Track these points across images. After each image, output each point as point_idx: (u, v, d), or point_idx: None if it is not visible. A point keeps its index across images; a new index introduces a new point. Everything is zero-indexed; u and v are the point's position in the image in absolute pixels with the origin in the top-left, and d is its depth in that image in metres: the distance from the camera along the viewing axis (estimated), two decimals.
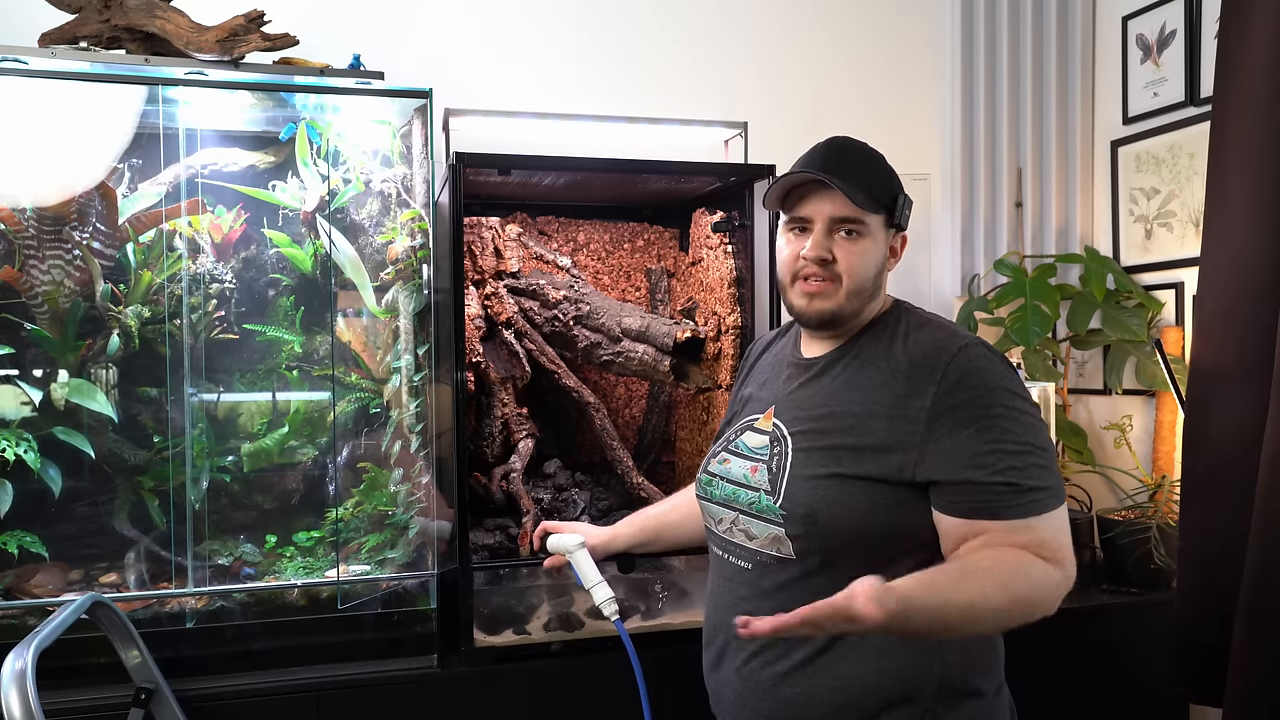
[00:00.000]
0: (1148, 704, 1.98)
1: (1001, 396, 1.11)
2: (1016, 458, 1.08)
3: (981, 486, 1.08)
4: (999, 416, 1.10)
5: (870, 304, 1.23)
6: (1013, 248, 2.47)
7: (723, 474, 1.28)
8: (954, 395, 1.11)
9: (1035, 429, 1.11)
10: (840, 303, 1.20)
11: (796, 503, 1.16)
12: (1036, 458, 1.09)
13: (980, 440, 1.09)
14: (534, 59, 2.25)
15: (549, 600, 1.85)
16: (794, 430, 1.21)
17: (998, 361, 1.15)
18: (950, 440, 1.10)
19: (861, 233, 1.19)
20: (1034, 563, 1.05)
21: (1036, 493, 1.08)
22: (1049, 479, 1.10)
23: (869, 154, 1.24)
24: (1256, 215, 1.68)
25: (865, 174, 1.20)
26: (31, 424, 1.66)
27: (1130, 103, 2.39)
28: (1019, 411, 1.11)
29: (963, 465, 1.09)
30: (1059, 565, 1.07)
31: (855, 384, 1.19)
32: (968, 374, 1.12)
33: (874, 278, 1.21)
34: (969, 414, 1.10)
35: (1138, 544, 2.02)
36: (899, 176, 1.25)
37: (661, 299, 2.23)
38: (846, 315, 1.21)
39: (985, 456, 1.08)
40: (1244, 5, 1.71)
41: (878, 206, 1.20)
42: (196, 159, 1.78)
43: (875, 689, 1.13)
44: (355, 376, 1.84)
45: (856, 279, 1.19)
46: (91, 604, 1.42)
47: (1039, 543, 1.07)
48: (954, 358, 1.13)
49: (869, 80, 2.47)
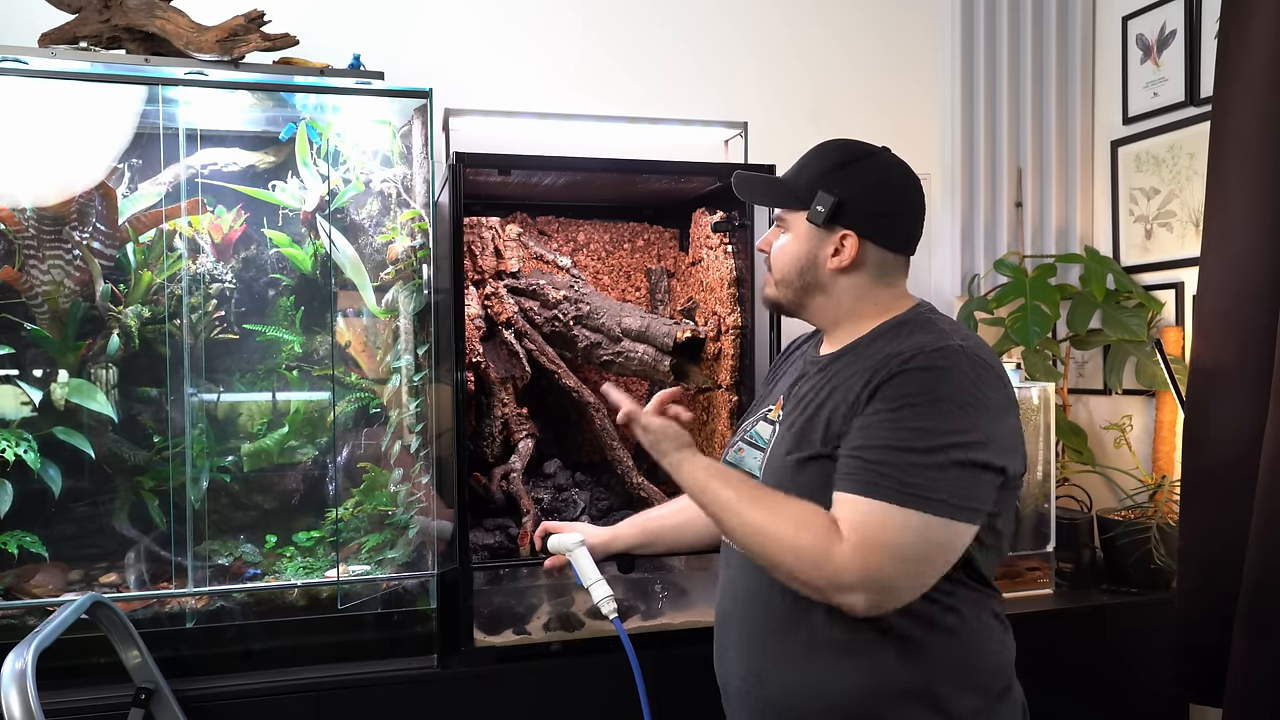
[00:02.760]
0: (1148, 704, 1.98)
1: (936, 401, 1.06)
2: (898, 444, 1.04)
3: (848, 456, 1.08)
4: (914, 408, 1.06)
5: (820, 303, 1.25)
6: (1013, 248, 2.47)
7: (736, 463, 1.30)
8: (895, 379, 1.09)
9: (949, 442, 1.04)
10: (772, 293, 1.28)
11: (772, 485, 1.18)
12: (924, 457, 1.03)
13: (879, 417, 1.07)
14: (534, 59, 2.25)
15: (549, 600, 1.85)
16: (784, 421, 1.24)
17: (964, 369, 1.08)
18: (863, 419, 1.09)
19: (782, 228, 1.27)
20: (820, 522, 1.05)
21: (890, 480, 1.03)
22: (922, 481, 1.02)
23: (821, 152, 1.26)
24: (1256, 215, 1.68)
25: (793, 172, 1.26)
26: (31, 424, 1.66)
27: (1130, 103, 2.38)
28: (945, 418, 1.05)
29: (854, 436, 1.09)
30: (851, 548, 1.02)
31: (841, 375, 1.20)
32: (921, 367, 1.08)
33: (796, 274, 1.24)
34: (891, 394, 1.08)
35: (1138, 544, 2.02)
36: (860, 177, 1.21)
37: (661, 299, 2.23)
38: (785, 305, 1.28)
39: (872, 430, 1.07)
40: (1244, 5, 1.71)
41: (784, 201, 1.25)
42: (196, 159, 1.78)
43: (876, 680, 1.13)
44: (355, 376, 1.84)
45: (777, 269, 1.27)
46: (91, 604, 1.42)
47: (851, 520, 1.04)
48: (924, 351, 1.10)
49: (869, 78, 2.47)
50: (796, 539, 1.06)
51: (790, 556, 1.07)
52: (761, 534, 1.09)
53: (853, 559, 1.03)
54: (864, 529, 1.04)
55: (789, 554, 1.07)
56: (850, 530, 1.04)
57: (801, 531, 1.06)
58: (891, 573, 1.03)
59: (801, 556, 1.06)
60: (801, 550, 1.06)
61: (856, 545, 1.03)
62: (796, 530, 1.06)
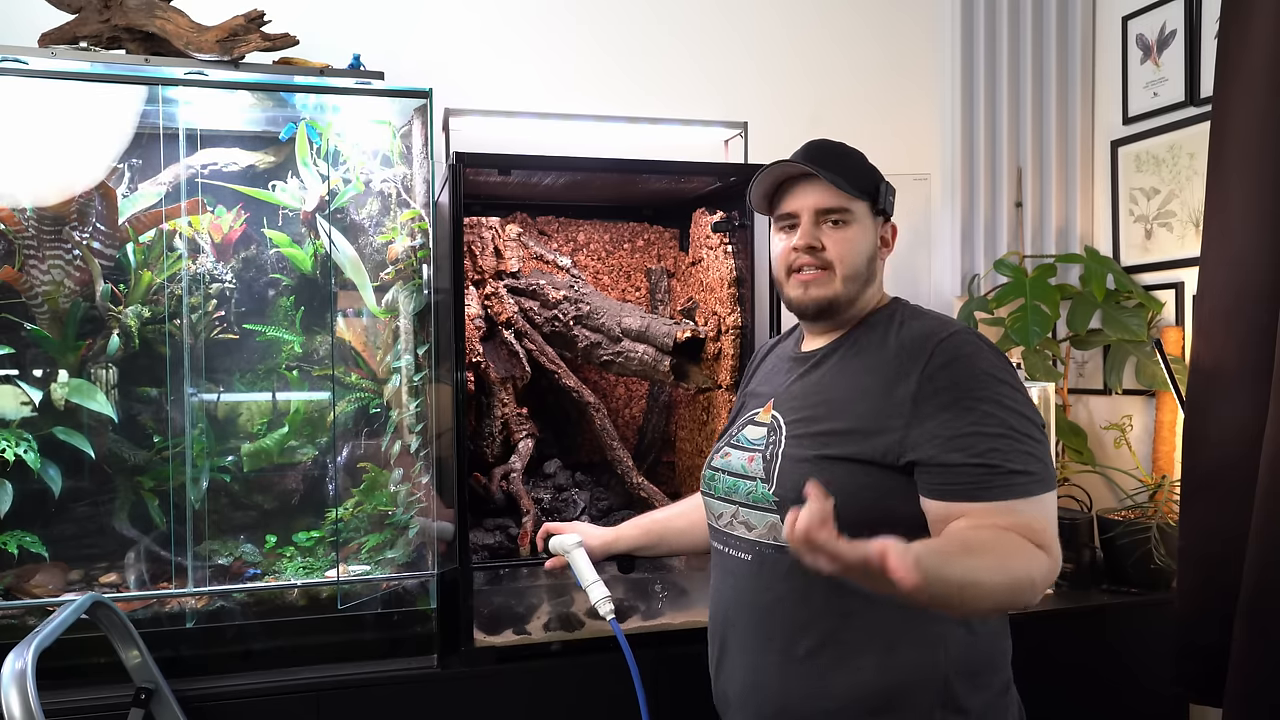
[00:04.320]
0: (1148, 704, 1.98)
1: (985, 381, 1.11)
2: (997, 440, 1.08)
3: (960, 468, 1.08)
4: (981, 399, 1.10)
5: (865, 293, 1.25)
6: (1013, 248, 2.47)
7: (724, 467, 1.29)
8: (938, 378, 1.11)
9: (1020, 413, 1.10)
10: (837, 289, 1.22)
11: (788, 488, 1.17)
12: (1019, 442, 1.08)
13: (961, 422, 1.09)
14: (534, 59, 2.25)
15: (549, 600, 1.85)
16: (789, 419, 1.23)
17: (985, 348, 1.15)
18: (933, 423, 1.10)
19: (848, 220, 1.23)
20: (1024, 544, 1.04)
21: (1018, 476, 1.07)
22: (1033, 464, 1.08)
23: (846, 150, 1.28)
24: (1256, 215, 1.68)
25: (844, 165, 1.24)
26: (31, 424, 1.66)
27: (1130, 103, 2.38)
28: (1003, 396, 1.10)
29: (943, 447, 1.09)
30: (1046, 551, 1.06)
31: (849, 371, 1.21)
32: (954, 358, 1.12)
33: (866, 264, 1.24)
34: (951, 396, 1.10)
35: (1138, 544, 2.02)
36: (880, 172, 1.29)
37: (661, 299, 2.23)
38: (843, 302, 1.23)
39: (965, 439, 1.08)
40: (1244, 5, 1.71)
41: (860, 193, 1.23)
42: (196, 159, 1.78)
43: (882, 684, 1.13)
44: (355, 376, 1.84)
45: (849, 264, 1.22)
46: (91, 604, 1.42)
47: (1024, 526, 1.05)
48: (941, 342, 1.14)
49: (869, 78, 2.47)
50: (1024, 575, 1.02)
51: (1022, 593, 1.03)
52: (999, 591, 1.01)
53: (1050, 558, 1.06)
54: (1037, 528, 1.06)
55: (1015, 592, 1.02)
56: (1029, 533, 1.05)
57: (1011, 561, 1.02)
58: (1059, 553, 1.08)
59: (1027, 587, 1.02)
60: (1027, 582, 1.02)
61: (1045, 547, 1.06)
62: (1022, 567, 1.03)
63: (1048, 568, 1.05)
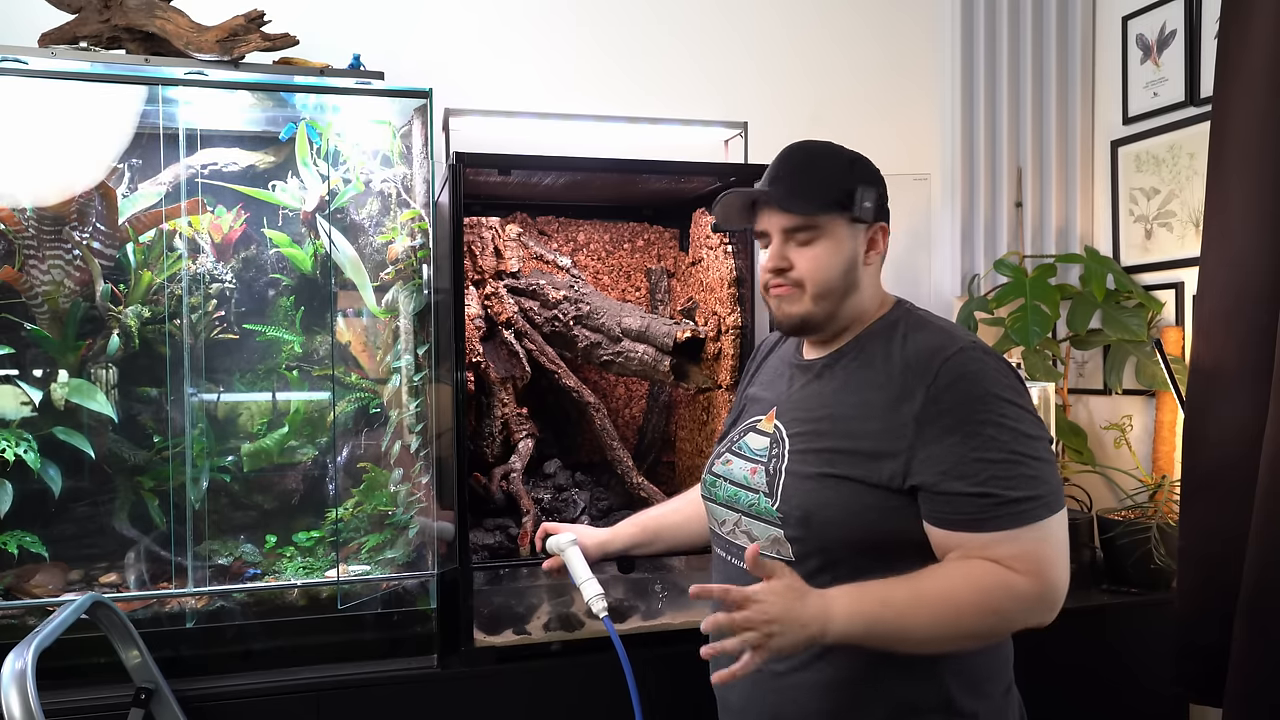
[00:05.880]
0: (1148, 704, 1.98)
1: (991, 403, 1.08)
2: (1001, 467, 1.06)
3: (961, 498, 1.07)
4: (985, 423, 1.08)
5: (848, 304, 1.21)
6: (1013, 248, 2.47)
7: (725, 475, 1.28)
8: (942, 400, 1.09)
9: (1025, 433, 1.08)
10: (808, 307, 1.20)
11: (792, 504, 1.16)
12: (1025, 467, 1.07)
13: (965, 448, 1.07)
14: (534, 59, 2.25)
15: (549, 600, 1.85)
16: (792, 432, 1.21)
17: (992, 365, 1.12)
18: (936, 447, 1.09)
19: (814, 237, 1.19)
20: (999, 582, 1.05)
21: (1023, 503, 1.06)
22: (1038, 487, 1.07)
23: (818, 154, 1.23)
24: (1256, 215, 1.68)
25: (811, 178, 1.19)
26: (31, 424, 1.66)
27: (1130, 103, 2.38)
28: (1007, 417, 1.08)
29: (946, 474, 1.07)
30: (1034, 577, 1.05)
31: (852, 386, 1.19)
32: (959, 378, 1.10)
33: (841, 277, 1.19)
34: (955, 420, 1.08)
35: (1138, 544, 2.02)
36: (868, 168, 1.23)
37: (661, 299, 2.23)
38: (819, 318, 1.21)
39: (968, 465, 1.07)
40: (1244, 5, 1.71)
41: (826, 207, 1.18)
42: (196, 159, 1.78)
43: (883, 693, 1.13)
44: (355, 376, 1.84)
45: (817, 282, 1.19)
46: (91, 604, 1.42)
47: (1024, 554, 1.05)
48: (946, 361, 1.11)
49: (869, 78, 2.47)
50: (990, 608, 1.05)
51: (995, 625, 1.08)
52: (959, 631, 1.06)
53: (1041, 584, 1.06)
54: (1031, 556, 1.06)
55: (981, 626, 1.06)
56: (1016, 561, 1.06)
57: (986, 599, 1.05)
58: (1061, 577, 1.08)
59: (998, 620, 1.07)
60: (994, 617, 1.06)
61: (1035, 574, 1.06)
62: (983, 601, 1.05)
63: (1026, 595, 1.05)
